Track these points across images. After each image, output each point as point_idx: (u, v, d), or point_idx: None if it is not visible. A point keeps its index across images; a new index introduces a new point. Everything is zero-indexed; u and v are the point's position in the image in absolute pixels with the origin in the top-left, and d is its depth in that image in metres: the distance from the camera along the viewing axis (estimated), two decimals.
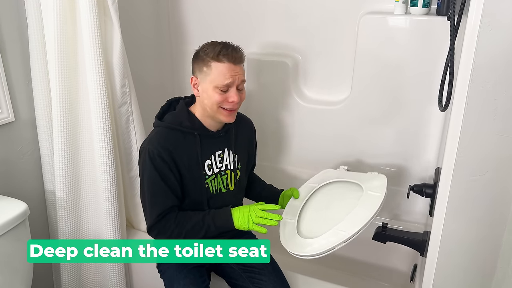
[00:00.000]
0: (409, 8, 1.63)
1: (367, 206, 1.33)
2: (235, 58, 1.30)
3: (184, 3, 2.07)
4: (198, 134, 1.38)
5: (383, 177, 1.44)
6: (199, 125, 1.39)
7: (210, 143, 1.41)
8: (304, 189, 1.54)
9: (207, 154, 1.40)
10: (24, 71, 1.54)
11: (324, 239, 1.28)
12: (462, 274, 1.19)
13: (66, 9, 1.42)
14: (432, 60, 1.62)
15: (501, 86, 0.99)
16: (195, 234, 1.33)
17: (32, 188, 1.64)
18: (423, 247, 1.43)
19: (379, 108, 1.79)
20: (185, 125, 1.36)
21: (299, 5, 1.86)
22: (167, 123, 1.37)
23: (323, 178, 1.56)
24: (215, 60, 1.29)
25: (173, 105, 1.45)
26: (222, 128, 1.43)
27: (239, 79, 1.32)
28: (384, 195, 1.35)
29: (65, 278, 1.68)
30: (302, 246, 1.30)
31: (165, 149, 1.31)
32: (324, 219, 1.38)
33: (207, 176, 1.40)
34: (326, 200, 1.48)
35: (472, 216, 1.12)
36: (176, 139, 1.35)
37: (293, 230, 1.37)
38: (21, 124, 1.57)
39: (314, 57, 1.91)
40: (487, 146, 1.05)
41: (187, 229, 1.33)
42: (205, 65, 1.31)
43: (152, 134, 1.37)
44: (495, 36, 0.95)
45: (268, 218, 1.29)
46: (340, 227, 1.28)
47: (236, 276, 1.48)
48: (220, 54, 1.29)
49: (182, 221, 1.34)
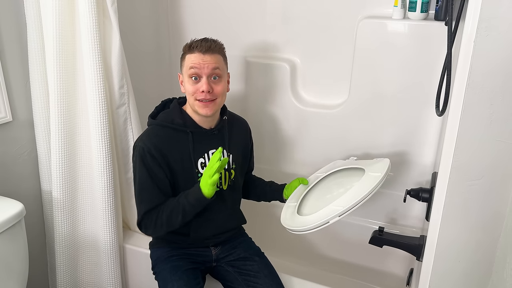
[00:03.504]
0: (407, 13, 1.63)
1: (364, 184, 1.36)
2: (203, 46, 1.33)
3: (183, 5, 2.08)
4: (191, 132, 1.39)
5: (386, 160, 1.48)
6: (191, 122, 1.40)
7: (203, 141, 1.42)
8: (311, 178, 1.60)
9: (200, 152, 1.42)
10: (23, 71, 1.54)
11: (320, 214, 1.34)
12: (458, 279, 1.19)
13: (65, 10, 1.42)
14: (430, 65, 1.63)
15: (498, 91, 0.99)
16: (175, 217, 1.34)
17: (28, 188, 1.64)
18: (419, 251, 1.43)
19: (377, 112, 1.79)
20: (177, 122, 1.38)
21: (297, 9, 1.87)
22: (159, 121, 1.40)
23: (331, 167, 1.62)
24: (187, 52, 1.36)
25: (167, 105, 1.47)
26: (215, 126, 1.45)
27: (209, 67, 1.32)
28: (383, 175, 1.38)
29: (61, 279, 1.67)
30: (300, 222, 1.37)
31: (155, 146, 1.34)
32: (324, 200, 1.44)
33: (200, 174, 1.41)
34: (329, 185, 1.54)
35: (468, 220, 1.12)
36: (168, 136, 1.37)
37: (294, 210, 1.43)
38: (19, 124, 1.56)
39: (312, 61, 1.92)
40: (483, 151, 1.05)
41: (167, 214, 1.35)
42: (182, 59, 1.38)
43: (144, 132, 1.40)
44: (492, 41, 0.96)
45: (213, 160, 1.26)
46: (335, 203, 1.34)
47: (232, 279, 1.47)
48: (191, 46, 1.35)
49: (161, 209, 1.36)
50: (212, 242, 1.51)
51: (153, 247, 1.53)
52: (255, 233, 1.67)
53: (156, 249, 1.51)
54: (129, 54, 1.66)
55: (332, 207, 1.33)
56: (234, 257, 1.51)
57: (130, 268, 1.78)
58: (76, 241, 1.68)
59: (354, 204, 1.30)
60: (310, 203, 1.50)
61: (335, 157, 1.94)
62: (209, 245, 1.51)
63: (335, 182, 1.56)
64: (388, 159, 1.48)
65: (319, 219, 1.32)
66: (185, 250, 1.48)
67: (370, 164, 1.49)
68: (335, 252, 2.04)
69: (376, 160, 1.52)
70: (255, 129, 1.63)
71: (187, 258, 1.46)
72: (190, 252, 1.48)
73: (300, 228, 1.35)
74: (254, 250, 1.54)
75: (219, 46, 1.38)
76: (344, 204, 1.31)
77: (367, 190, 1.33)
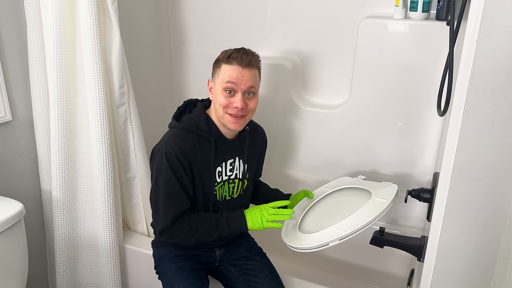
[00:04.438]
0: (409, 12, 1.63)
1: (369, 209, 1.34)
2: (243, 60, 1.29)
3: (183, 5, 2.07)
4: (214, 140, 1.37)
5: (394, 186, 1.46)
6: (216, 131, 1.37)
7: (224, 151, 1.40)
8: (317, 191, 1.58)
9: (219, 161, 1.40)
10: (22, 71, 1.53)
11: (320, 235, 1.32)
12: (460, 280, 1.19)
13: (66, 9, 1.42)
14: (431, 65, 1.62)
15: (500, 91, 0.99)
16: (208, 236, 1.35)
17: (28, 188, 1.64)
18: (420, 252, 1.43)
19: (378, 112, 1.79)
20: (202, 129, 1.35)
21: (299, 9, 1.86)
22: (184, 125, 1.35)
23: (337, 184, 1.60)
24: (225, 62, 1.31)
25: (189, 107, 1.44)
26: (237, 137, 1.42)
27: (246, 84, 1.30)
28: (389, 202, 1.37)
29: (60, 279, 1.67)
30: (299, 239, 1.35)
31: (182, 150, 1.30)
32: (326, 219, 1.41)
33: (216, 183, 1.40)
34: (334, 203, 1.52)
35: (470, 221, 1.12)
36: (193, 141, 1.34)
37: (295, 226, 1.41)
38: (19, 124, 1.56)
39: (313, 61, 1.92)
40: (485, 151, 1.04)
41: (201, 232, 1.33)
42: (218, 67, 1.33)
43: (168, 136, 1.35)
44: (494, 41, 0.95)
45: (280, 214, 1.33)
46: (338, 225, 1.31)
47: (233, 279, 1.47)
48: (230, 57, 1.30)
49: (195, 224, 1.34)
50: (217, 244, 1.50)
51: (157, 246, 1.52)
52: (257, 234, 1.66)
53: (160, 248, 1.50)
54: (130, 54, 1.66)
55: (334, 230, 1.30)
56: (235, 256, 1.51)
57: (130, 268, 1.77)
58: (76, 241, 1.68)
59: (357, 230, 1.29)
60: (312, 219, 1.46)
61: (335, 157, 1.94)
62: (214, 246, 1.51)
63: (340, 199, 1.53)
64: (396, 186, 1.46)
65: (319, 240, 1.30)
66: (190, 250, 1.47)
67: (378, 187, 1.47)
68: (336, 253, 2.04)
69: (384, 184, 1.50)
70: None
71: (192, 259, 1.46)
72: (195, 252, 1.48)
73: (299, 246, 1.34)
74: (256, 250, 1.54)
75: (258, 60, 1.35)
76: (346, 229, 1.29)
77: (372, 216, 1.31)
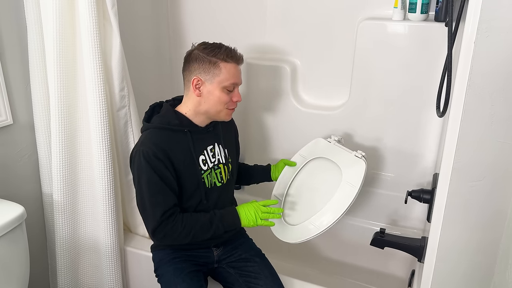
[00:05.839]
0: (408, 14, 1.63)
1: (340, 201, 1.43)
2: (239, 58, 1.39)
3: (183, 7, 2.08)
4: (188, 131, 1.40)
5: (362, 165, 1.48)
6: (187, 122, 1.41)
7: (201, 139, 1.44)
8: (294, 159, 1.67)
9: (200, 150, 1.43)
10: (23, 74, 1.54)
11: (297, 233, 1.46)
12: (460, 280, 1.19)
13: (66, 13, 1.43)
14: (430, 66, 1.62)
15: (499, 92, 0.99)
16: (203, 234, 1.37)
17: (29, 191, 1.64)
18: (421, 253, 1.43)
19: (377, 113, 1.79)
20: (174, 123, 1.39)
21: (297, 10, 1.87)
22: (156, 124, 1.39)
23: (313, 149, 1.66)
24: (224, 61, 1.35)
25: (156, 109, 1.47)
26: (210, 124, 1.46)
27: (241, 79, 1.43)
28: (358, 188, 1.43)
29: (62, 282, 1.67)
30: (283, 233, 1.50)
31: (159, 148, 1.33)
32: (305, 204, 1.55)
33: (203, 171, 1.42)
34: (309, 182, 1.60)
35: (469, 221, 1.12)
36: (168, 137, 1.37)
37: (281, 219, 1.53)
38: (19, 127, 1.56)
39: (312, 62, 1.92)
40: (484, 152, 1.05)
41: (195, 230, 1.35)
42: (213, 66, 1.35)
43: (142, 137, 1.39)
44: (492, 42, 0.96)
45: (272, 213, 1.40)
46: (312, 220, 1.44)
47: (233, 281, 1.47)
48: (228, 56, 1.35)
49: (189, 223, 1.35)
50: (213, 242, 1.51)
51: (155, 249, 1.53)
52: (255, 234, 1.67)
53: (158, 251, 1.51)
54: (130, 57, 1.66)
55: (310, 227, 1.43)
56: (235, 258, 1.51)
57: (131, 270, 1.77)
58: (77, 244, 1.68)
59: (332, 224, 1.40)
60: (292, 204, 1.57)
61: None
62: (210, 245, 1.51)
63: (314, 175, 1.60)
64: (363, 163, 1.49)
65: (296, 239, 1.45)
66: (188, 252, 1.48)
67: (347, 164, 1.51)
68: (336, 254, 2.04)
69: (353, 157, 1.52)
70: (255, 131, 1.63)
71: (189, 260, 1.46)
72: (192, 254, 1.48)
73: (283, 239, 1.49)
74: (255, 251, 1.54)
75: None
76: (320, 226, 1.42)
77: (342, 210, 1.41)
